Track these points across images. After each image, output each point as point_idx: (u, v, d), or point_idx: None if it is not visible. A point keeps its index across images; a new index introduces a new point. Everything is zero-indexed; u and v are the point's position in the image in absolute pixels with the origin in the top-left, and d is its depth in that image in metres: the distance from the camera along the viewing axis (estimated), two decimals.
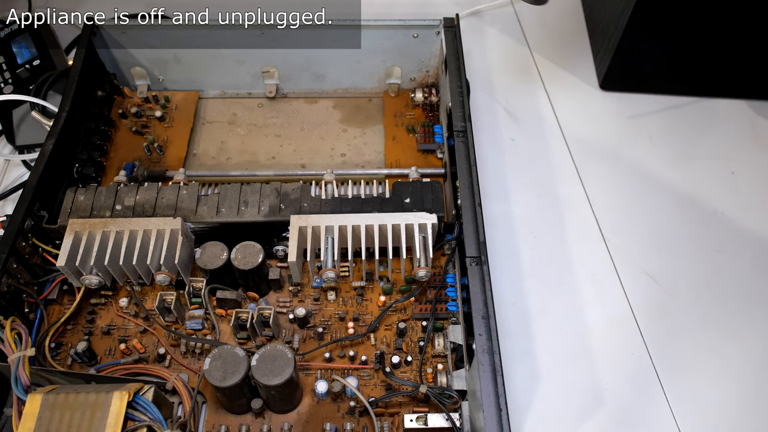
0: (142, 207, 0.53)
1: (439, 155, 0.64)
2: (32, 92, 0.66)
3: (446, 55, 0.62)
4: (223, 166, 0.64)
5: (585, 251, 0.59)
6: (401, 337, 0.51)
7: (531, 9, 0.81)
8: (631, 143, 0.67)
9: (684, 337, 0.54)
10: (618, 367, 0.53)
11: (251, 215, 0.53)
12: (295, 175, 0.62)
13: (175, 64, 0.67)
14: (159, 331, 0.52)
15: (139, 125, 0.66)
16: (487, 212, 0.56)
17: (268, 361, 0.44)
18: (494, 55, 0.76)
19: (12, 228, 0.49)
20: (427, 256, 0.51)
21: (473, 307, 0.45)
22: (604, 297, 0.57)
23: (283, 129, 0.67)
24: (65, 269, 0.49)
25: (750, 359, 0.53)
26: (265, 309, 0.50)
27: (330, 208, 0.53)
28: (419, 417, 0.46)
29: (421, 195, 0.54)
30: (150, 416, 0.41)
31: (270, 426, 0.47)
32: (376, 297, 0.54)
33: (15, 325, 0.46)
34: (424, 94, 0.67)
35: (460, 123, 0.57)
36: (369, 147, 0.66)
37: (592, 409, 0.51)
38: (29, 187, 0.52)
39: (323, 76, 0.69)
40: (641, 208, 0.62)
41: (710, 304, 0.56)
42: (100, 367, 0.49)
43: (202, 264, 0.50)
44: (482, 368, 0.43)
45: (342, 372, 0.50)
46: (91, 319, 0.53)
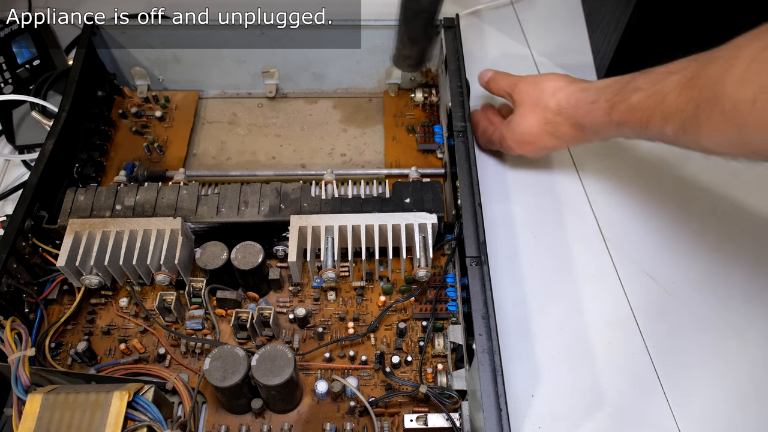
0: (142, 207, 0.53)
1: (439, 155, 0.64)
2: (32, 92, 0.66)
3: (446, 55, 0.62)
4: (223, 166, 0.64)
5: (585, 251, 0.59)
6: (401, 337, 0.51)
7: (531, 9, 0.81)
8: (631, 143, 0.67)
9: (684, 337, 0.54)
10: (618, 367, 0.53)
11: (251, 215, 0.53)
12: (295, 175, 0.62)
13: (175, 64, 0.67)
14: (159, 331, 0.52)
15: (139, 125, 0.66)
16: (487, 212, 0.56)
17: (268, 361, 0.44)
18: (494, 55, 0.76)
19: (12, 228, 0.49)
20: (427, 256, 0.51)
21: (473, 307, 0.45)
22: (604, 297, 0.57)
23: (283, 129, 0.67)
24: (65, 269, 0.49)
25: (750, 358, 0.53)
26: (265, 309, 0.50)
27: (330, 208, 0.53)
28: (419, 417, 0.46)
29: (421, 195, 0.54)
30: (150, 416, 0.41)
31: (270, 426, 0.47)
32: (376, 297, 0.54)
33: (15, 325, 0.46)
34: (424, 94, 0.67)
35: (460, 123, 0.57)
36: (369, 147, 0.66)
37: (592, 409, 0.51)
38: (29, 187, 0.52)
39: (323, 76, 0.69)
40: (641, 208, 0.62)
41: (710, 304, 0.56)
42: (100, 367, 0.49)
43: (202, 264, 0.50)
44: (482, 368, 0.43)
45: (342, 372, 0.50)
46: (91, 319, 0.53)
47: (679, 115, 0.44)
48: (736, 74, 0.39)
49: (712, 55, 0.42)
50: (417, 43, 0.59)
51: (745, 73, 0.38)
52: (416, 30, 0.57)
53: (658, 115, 0.46)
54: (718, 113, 0.41)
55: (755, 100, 0.38)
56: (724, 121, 0.40)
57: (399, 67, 0.63)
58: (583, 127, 0.55)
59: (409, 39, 0.58)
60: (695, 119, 0.43)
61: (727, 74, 0.40)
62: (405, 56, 0.61)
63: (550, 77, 0.58)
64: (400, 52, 0.61)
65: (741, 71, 0.39)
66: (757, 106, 0.38)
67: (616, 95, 0.51)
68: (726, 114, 0.40)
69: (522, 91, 0.59)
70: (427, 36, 0.60)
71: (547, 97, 0.57)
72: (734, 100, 0.39)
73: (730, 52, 0.40)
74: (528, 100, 0.58)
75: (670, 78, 0.45)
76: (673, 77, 0.45)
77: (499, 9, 0.82)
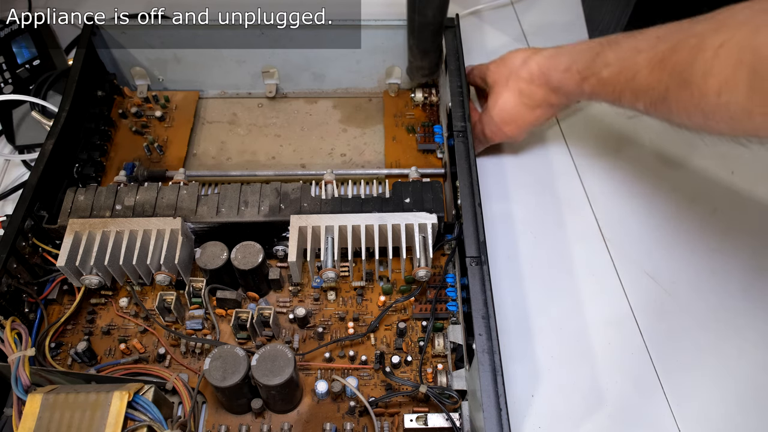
0: (142, 207, 0.53)
1: (439, 155, 0.64)
2: (32, 92, 0.66)
3: (446, 55, 0.62)
4: (223, 166, 0.64)
5: (585, 251, 0.59)
6: (401, 337, 0.51)
7: (531, 9, 0.81)
8: (631, 143, 0.67)
9: (684, 337, 0.54)
10: (618, 367, 0.53)
11: (251, 215, 0.53)
12: (295, 175, 0.62)
13: (175, 64, 0.67)
14: (159, 331, 0.52)
15: (139, 125, 0.66)
16: (487, 212, 0.56)
17: (268, 361, 0.44)
18: (494, 55, 0.76)
19: (12, 228, 0.49)
20: (427, 256, 0.51)
21: (473, 307, 0.45)
22: (604, 297, 0.57)
23: (283, 129, 0.67)
24: (65, 269, 0.49)
25: (750, 359, 0.53)
26: (265, 309, 0.50)
27: (330, 208, 0.53)
28: (419, 417, 0.46)
29: (421, 195, 0.54)
30: (150, 416, 0.41)
31: (270, 426, 0.47)
32: (376, 297, 0.54)
33: (15, 325, 0.46)
34: (424, 94, 0.67)
35: (460, 123, 0.57)
36: (369, 147, 0.66)
37: (592, 409, 0.51)
38: (29, 187, 0.52)
39: (323, 76, 0.69)
40: (641, 208, 0.62)
41: (710, 304, 0.56)
42: (100, 367, 0.49)
43: (202, 264, 0.50)
44: (482, 368, 0.43)
45: (342, 372, 0.50)
46: (91, 319, 0.53)
47: (650, 92, 0.45)
48: (701, 66, 0.40)
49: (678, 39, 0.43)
50: (428, 54, 0.61)
51: (710, 66, 0.39)
52: (426, 42, 0.60)
53: (628, 91, 0.47)
54: (687, 98, 0.41)
55: (720, 92, 0.38)
56: (693, 106, 0.41)
57: (413, 79, 0.66)
58: (558, 91, 0.55)
59: (420, 51, 0.61)
60: (664, 100, 0.44)
61: (693, 65, 0.40)
62: (418, 67, 0.64)
63: (516, 52, 0.59)
64: (412, 64, 0.63)
65: (706, 63, 0.39)
66: (722, 98, 0.38)
67: (586, 68, 0.51)
68: (694, 100, 0.41)
69: (493, 72, 0.60)
70: (437, 46, 0.61)
71: (518, 68, 0.57)
72: (701, 90, 0.40)
73: (696, 40, 0.41)
74: (500, 78, 0.59)
75: (640, 56, 0.46)
76: (642, 55, 0.45)
77: (499, 9, 0.82)
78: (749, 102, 0.37)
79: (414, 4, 0.56)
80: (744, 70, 0.37)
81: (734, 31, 0.38)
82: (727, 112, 0.39)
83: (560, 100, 0.57)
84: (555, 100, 0.57)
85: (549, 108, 0.58)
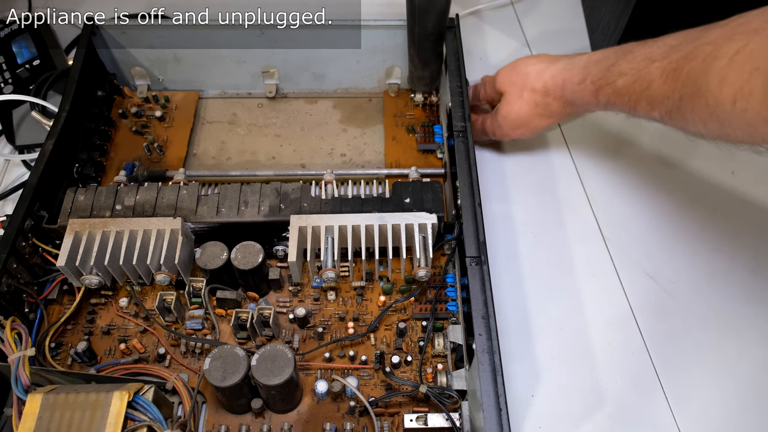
0: (142, 207, 0.53)
1: (439, 155, 0.64)
2: (32, 92, 0.66)
3: (446, 55, 0.62)
4: (223, 166, 0.64)
5: (585, 251, 0.59)
6: (401, 337, 0.51)
7: (531, 9, 0.81)
8: (632, 143, 0.67)
9: (684, 337, 0.54)
10: (618, 367, 0.53)
11: (251, 215, 0.53)
12: (295, 175, 0.62)
13: (175, 64, 0.67)
14: (159, 331, 0.52)
15: (139, 125, 0.66)
16: (487, 212, 0.56)
17: (268, 361, 0.44)
18: (494, 55, 0.76)
19: (12, 228, 0.49)
20: (427, 256, 0.51)
21: (473, 307, 0.45)
22: (604, 297, 0.57)
23: (283, 129, 0.67)
24: (65, 269, 0.49)
25: (750, 359, 0.53)
26: (265, 309, 0.50)
27: (330, 208, 0.53)
28: (419, 417, 0.46)
29: (421, 195, 0.54)
30: (150, 416, 0.41)
31: (270, 426, 0.47)
32: (376, 297, 0.54)
33: (15, 325, 0.46)
34: (424, 94, 0.67)
35: (460, 123, 0.57)
36: (369, 147, 0.66)
37: (592, 409, 0.51)
38: (29, 187, 0.52)
39: (323, 76, 0.69)
40: (641, 208, 0.62)
41: (710, 304, 0.56)
42: (100, 367, 0.49)
43: (202, 264, 0.50)
44: (482, 368, 0.43)
45: (342, 372, 0.50)
46: (91, 319, 0.53)
47: (665, 102, 0.45)
48: (716, 74, 0.39)
49: (691, 47, 0.42)
50: (429, 65, 0.61)
51: (725, 74, 0.39)
52: (426, 53, 0.60)
53: (644, 101, 0.47)
54: (702, 107, 0.41)
55: (735, 100, 0.38)
56: (708, 114, 0.41)
57: (415, 89, 0.66)
58: (573, 103, 0.55)
59: (421, 61, 0.61)
60: (680, 109, 0.43)
61: (708, 73, 0.40)
62: (419, 77, 0.64)
63: (528, 60, 0.59)
64: (413, 74, 0.63)
65: (721, 71, 0.39)
66: (737, 107, 0.38)
67: (600, 78, 0.51)
68: (709, 109, 0.40)
69: (505, 81, 0.60)
70: (437, 56, 0.61)
71: (533, 80, 0.57)
72: (716, 98, 0.40)
73: (710, 48, 0.41)
74: (513, 87, 0.59)
75: (653, 65, 0.46)
76: (655, 64, 0.45)
77: (499, 9, 0.82)
78: (766, 109, 0.37)
79: (414, 16, 0.56)
80: (759, 78, 0.37)
81: (748, 39, 0.38)
82: (743, 119, 0.38)
83: (575, 110, 0.57)
84: (570, 110, 0.57)
85: (564, 116, 0.59)
